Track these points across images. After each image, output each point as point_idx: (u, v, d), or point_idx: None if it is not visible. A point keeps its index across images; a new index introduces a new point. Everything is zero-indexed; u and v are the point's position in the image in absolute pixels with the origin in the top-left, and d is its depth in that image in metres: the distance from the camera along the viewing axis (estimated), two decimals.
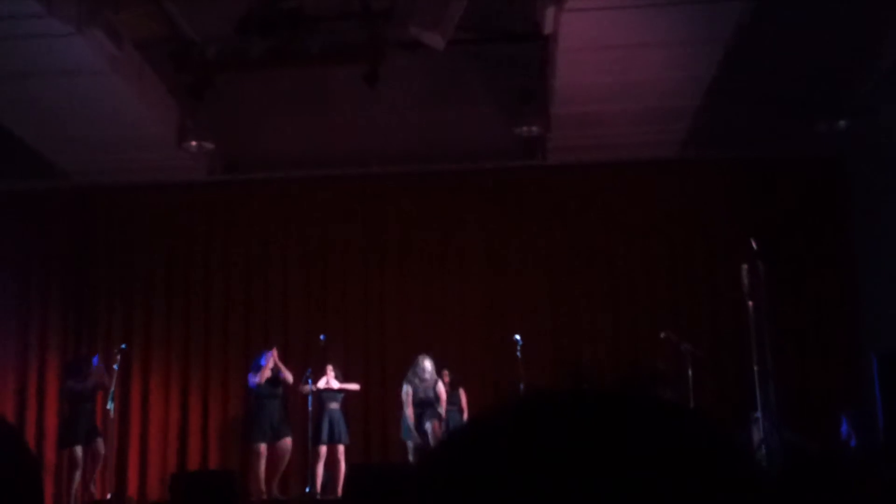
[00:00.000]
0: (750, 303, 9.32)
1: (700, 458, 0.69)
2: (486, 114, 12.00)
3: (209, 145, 11.94)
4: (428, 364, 11.15)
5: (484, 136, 12.41)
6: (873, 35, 9.95)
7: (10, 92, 10.25)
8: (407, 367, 11.34)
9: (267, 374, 11.34)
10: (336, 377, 11.57)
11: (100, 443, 11.32)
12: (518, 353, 11.00)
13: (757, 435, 9.34)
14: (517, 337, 11.13)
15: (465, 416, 11.43)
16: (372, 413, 12.48)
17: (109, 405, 11.41)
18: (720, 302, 11.70)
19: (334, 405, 11.43)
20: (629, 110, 11.13)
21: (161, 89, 11.28)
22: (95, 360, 11.60)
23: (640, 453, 0.67)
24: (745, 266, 9.43)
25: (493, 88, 11.62)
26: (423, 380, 11.10)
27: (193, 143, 11.77)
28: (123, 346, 12.08)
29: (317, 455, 11.30)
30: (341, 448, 11.43)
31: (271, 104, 11.77)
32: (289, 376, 11.44)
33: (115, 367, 11.57)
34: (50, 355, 13.04)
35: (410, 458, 11.07)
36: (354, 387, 11.70)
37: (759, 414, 9.17)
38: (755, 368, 9.10)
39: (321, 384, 11.43)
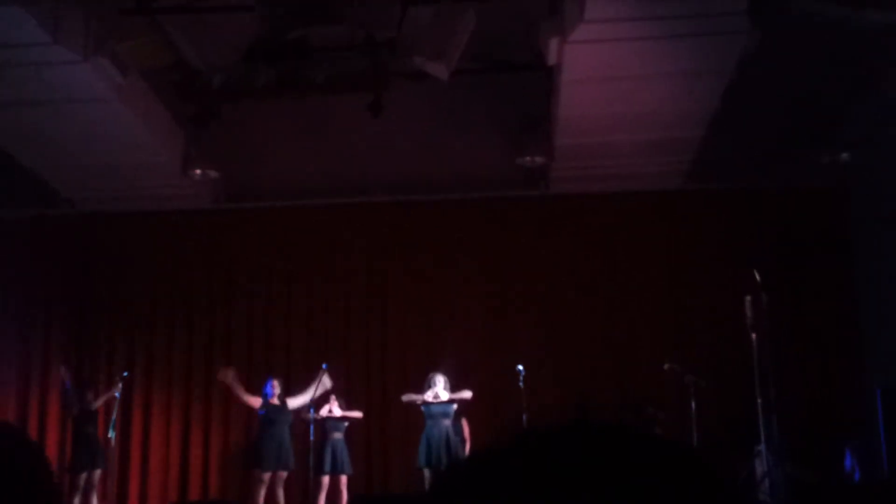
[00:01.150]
0: (753, 335, 9.31)
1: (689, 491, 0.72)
2: (489, 143, 12.04)
3: (213, 173, 11.97)
4: (440, 379, 11.11)
5: (487, 166, 12.44)
6: (876, 67, 9.98)
7: (16, 119, 10.29)
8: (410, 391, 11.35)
9: (308, 396, 11.30)
10: (339, 406, 11.55)
11: (96, 474, 11.29)
12: (521, 383, 10.95)
13: (760, 468, 9.30)
14: (520, 367, 11.08)
15: (468, 445, 11.36)
16: (373, 442, 12.44)
17: (111, 433, 11.38)
18: (723, 333, 11.67)
19: (338, 435, 11.39)
20: (632, 141, 11.17)
21: (166, 117, 11.33)
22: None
23: (634, 482, 0.70)
24: (748, 298, 9.43)
25: (497, 118, 11.67)
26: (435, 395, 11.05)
27: (198, 171, 11.79)
28: (125, 373, 12.06)
29: (319, 485, 11.24)
30: (344, 479, 11.38)
31: (276, 133, 11.81)
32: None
33: (116, 394, 11.55)
34: (51, 382, 13.01)
35: (428, 488, 10.95)
36: (357, 415, 11.67)
37: (762, 447, 9.13)
38: (758, 401, 9.07)
39: (324, 413, 11.40)
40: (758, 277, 9.34)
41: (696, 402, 10.54)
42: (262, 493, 11.23)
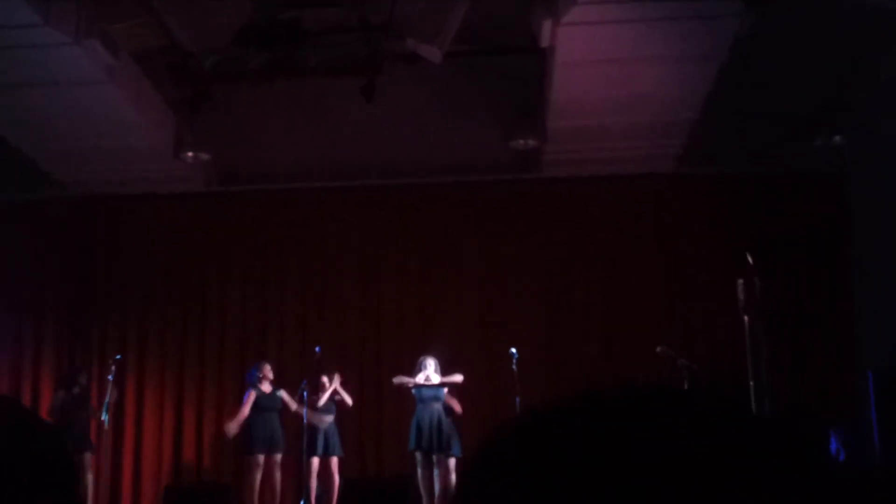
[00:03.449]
0: (745, 318, 9.30)
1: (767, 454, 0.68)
2: (482, 126, 12.02)
3: (206, 156, 11.93)
4: (431, 362, 11.13)
5: (480, 149, 12.42)
6: (872, 50, 9.97)
7: (5, 102, 10.24)
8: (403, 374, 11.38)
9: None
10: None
11: (87, 457, 11.28)
12: (514, 367, 10.96)
13: None
14: (513, 350, 11.09)
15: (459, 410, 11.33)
16: (366, 425, 12.45)
17: (104, 416, 11.35)
18: (716, 317, 11.69)
19: (329, 417, 11.40)
20: (625, 124, 11.15)
21: (158, 100, 11.28)
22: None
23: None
24: (740, 281, 9.42)
25: (490, 101, 11.65)
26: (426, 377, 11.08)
27: (190, 154, 11.74)
28: (118, 356, 12.04)
29: (310, 468, 11.26)
30: (335, 460, 11.40)
31: (268, 116, 11.78)
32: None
33: (109, 377, 11.53)
34: (44, 366, 13.00)
35: (419, 470, 10.96)
36: (348, 400, 11.64)
37: None
38: (751, 384, 9.08)
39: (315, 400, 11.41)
40: (750, 261, 9.32)
41: (689, 386, 10.55)
42: (258, 476, 11.24)
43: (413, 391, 11.13)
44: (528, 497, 0.67)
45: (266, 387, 11.45)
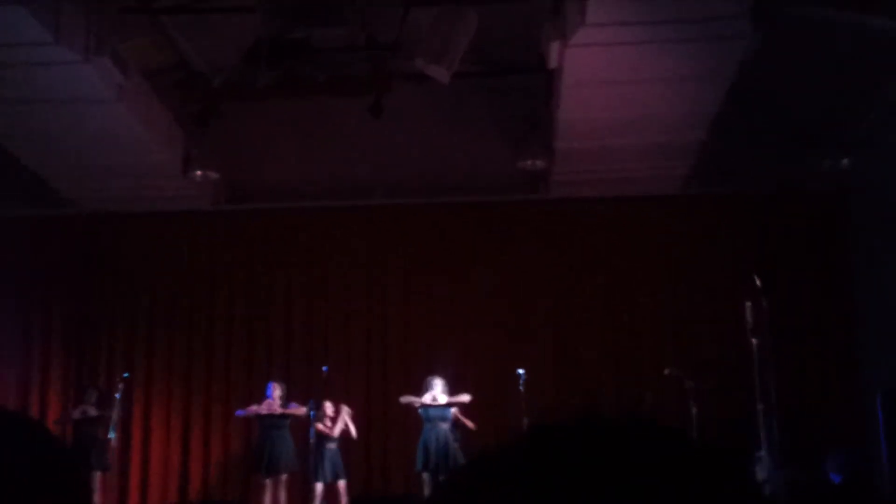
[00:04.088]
0: (754, 340, 9.27)
1: (704, 479, 0.72)
2: (490, 146, 12.04)
3: (214, 175, 11.95)
4: (438, 382, 11.08)
5: (488, 169, 12.43)
6: (878, 71, 9.96)
7: (16, 118, 10.27)
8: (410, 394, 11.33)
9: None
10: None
11: (96, 476, 11.26)
12: (521, 387, 10.92)
13: (761, 473, 9.26)
14: (520, 371, 11.05)
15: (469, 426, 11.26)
16: (373, 445, 12.40)
17: (111, 434, 11.33)
18: (724, 338, 11.65)
19: (332, 445, 11.36)
20: (633, 145, 11.14)
21: (167, 118, 11.32)
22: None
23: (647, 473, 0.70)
24: (748, 303, 9.40)
25: (498, 121, 11.67)
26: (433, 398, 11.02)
27: (198, 172, 11.77)
28: (126, 374, 12.03)
29: (314, 493, 11.19)
30: (342, 484, 11.33)
31: (277, 134, 11.81)
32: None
33: (116, 395, 11.52)
34: (52, 382, 13.00)
35: (427, 491, 10.92)
36: (353, 434, 11.57)
37: (762, 452, 9.10)
38: (759, 406, 9.04)
39: (321, 427, 11.34)
40: (758, 283, 9.31)
41: (697, 408, 10.51)
42: (268, 497, 11.20)
43: (420, 411, 11.09)
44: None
45: (275, 406, 11.38)
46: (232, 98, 10.26)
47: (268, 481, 11.21)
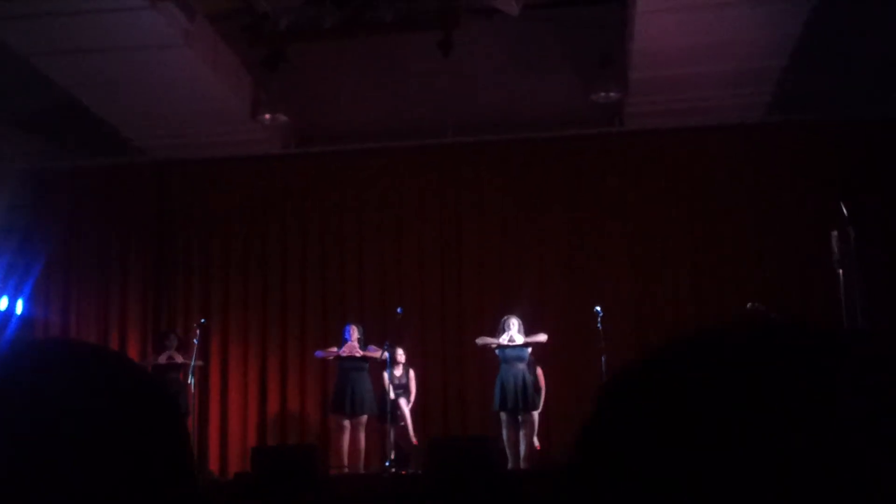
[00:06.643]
0: (840, 271, 8.99)
1: None
2: (562, 79, 11.78)
3: (283, 118, 11.88)
4: (514, 322, 10.95)
5: (560, 103, 12.17)
6: None
7: (83, 67, 10.30)
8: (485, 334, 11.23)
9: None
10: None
11: None
12: (599, 325, 10.76)
13: None
14: (597, 308, 10.88)
15: (543, 393, 11.15)
16: (450, 385, 12.38)
17: (190, 379, 11.44)
18: (809, 270, 11.35)
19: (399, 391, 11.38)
20: (711, 73, 10.82)
21: (234, 62, 11.26)
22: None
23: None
24: (834, 233, 9.10)
25: (569, 53, 11.40)
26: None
27: (267, 116, 11.72)
28: (202, 320, 12.12)
29: (388, 433, 11.20)
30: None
31: (345, 75, 11.68)
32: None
33: (194, 341, 11.61)
34: (130, 329, 13.18)
35: (504, 430, 10.88)
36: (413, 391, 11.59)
37: None
38: None
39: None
40: (845, 211, 8.99)
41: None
42: (346, 438, 11.24)
43: (497, 352, 11.00)
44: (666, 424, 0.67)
45: (354, 347, 11.34)
46: (299, 40, 10.15)
47: (347, 423, 11.24)
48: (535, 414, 10.90)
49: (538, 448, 10.85)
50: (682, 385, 0.69)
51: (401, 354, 11.44)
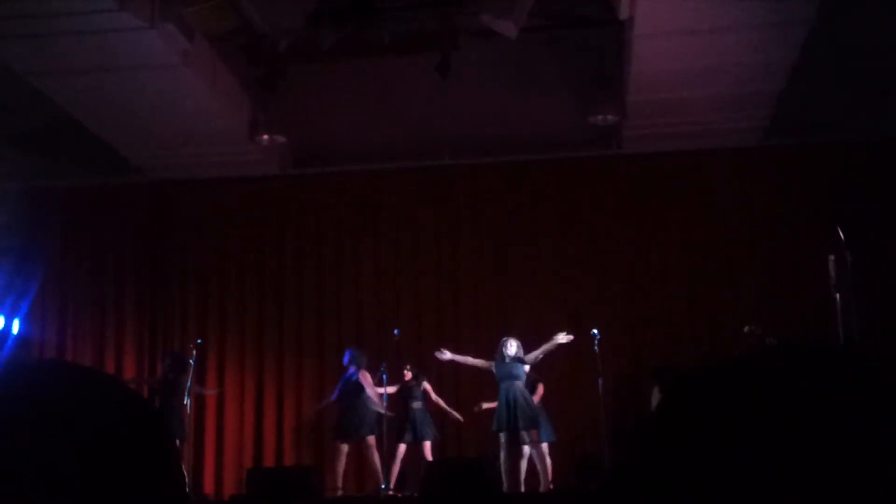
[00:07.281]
0: (837, 295, 9.00)
1: None
2: (560, 102, 11.79)
3: (281, 139, 11.88)
4: (513, 343, 10.91)
5: (558, 125, 12.20)
6: None
7: (83, 87, 10.32)
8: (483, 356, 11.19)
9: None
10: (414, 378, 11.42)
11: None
12: (595, 347, 10.74)
13: None
14: (594, 331, 10.86)
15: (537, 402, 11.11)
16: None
17: (186, 401, 11.39)
18: (806, 294, 11.34)
19: (417, 404, 11.27)
20: (708, 96, 10.85)
21: (233, 82, 11.28)
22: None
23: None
24: (831, 257, 9.12)
25: (568, 76, 11.43)
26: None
27: (265, 136, 11.72)
28: (199, 340, 12.09)
29: (395, 453, 11.13)
30: (427, 444, 11.24)
31: (343, 96, 11.70)
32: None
33: (190, 361, 11.57)
34: (126, 349, 13.14)
35: (502, 451, 10.80)
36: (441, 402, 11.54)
37: None
38: None
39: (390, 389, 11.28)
40: (842, 235, 9.01)
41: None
42: (342, 462, 11.17)
43: (493, 370, 10.94)
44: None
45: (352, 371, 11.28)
46: (297, 61, 10.19)
47: (345, 446, 11.17)
48: (546, 446, 10.84)
49: (551, 487, 10.75)
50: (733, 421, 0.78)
51: (407, 374, 11.40)
